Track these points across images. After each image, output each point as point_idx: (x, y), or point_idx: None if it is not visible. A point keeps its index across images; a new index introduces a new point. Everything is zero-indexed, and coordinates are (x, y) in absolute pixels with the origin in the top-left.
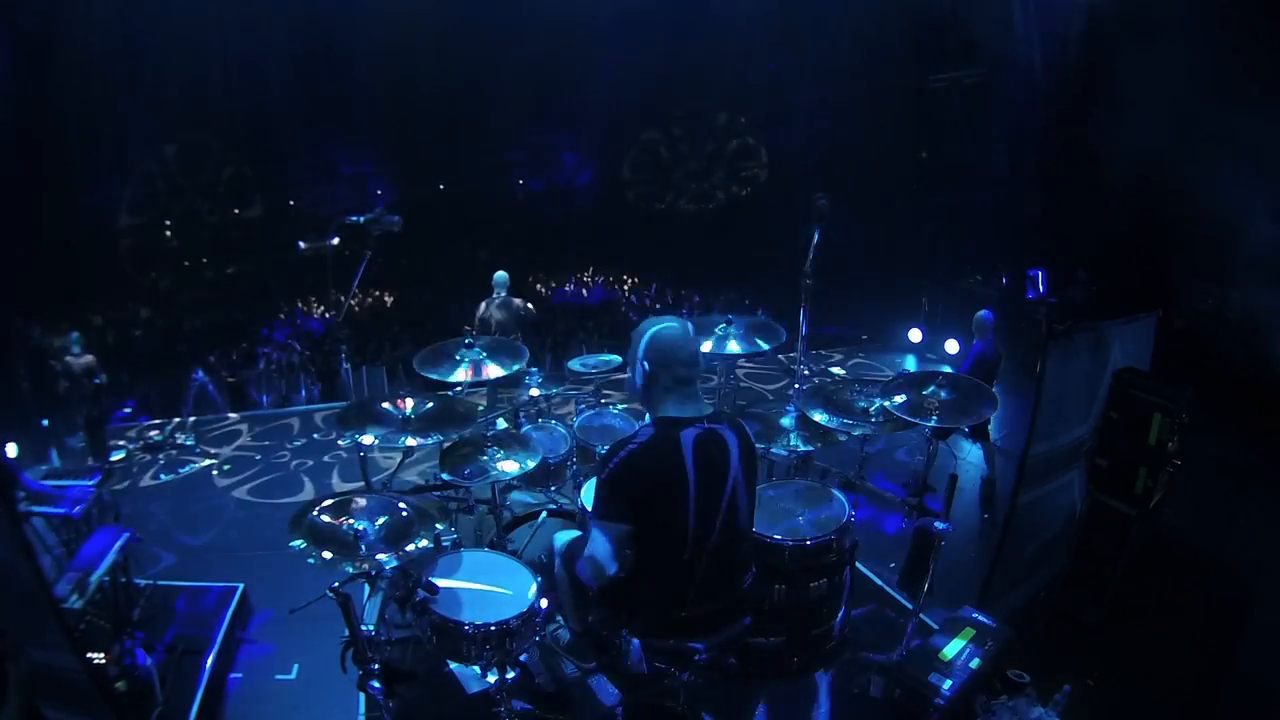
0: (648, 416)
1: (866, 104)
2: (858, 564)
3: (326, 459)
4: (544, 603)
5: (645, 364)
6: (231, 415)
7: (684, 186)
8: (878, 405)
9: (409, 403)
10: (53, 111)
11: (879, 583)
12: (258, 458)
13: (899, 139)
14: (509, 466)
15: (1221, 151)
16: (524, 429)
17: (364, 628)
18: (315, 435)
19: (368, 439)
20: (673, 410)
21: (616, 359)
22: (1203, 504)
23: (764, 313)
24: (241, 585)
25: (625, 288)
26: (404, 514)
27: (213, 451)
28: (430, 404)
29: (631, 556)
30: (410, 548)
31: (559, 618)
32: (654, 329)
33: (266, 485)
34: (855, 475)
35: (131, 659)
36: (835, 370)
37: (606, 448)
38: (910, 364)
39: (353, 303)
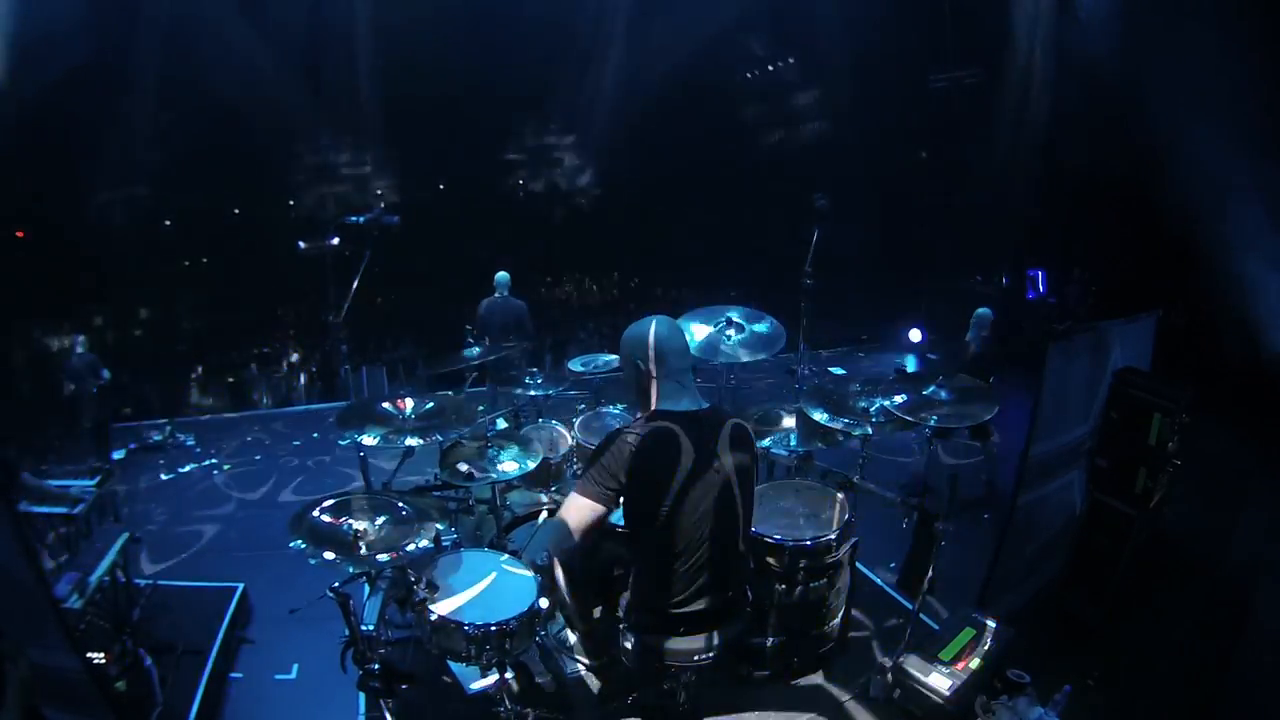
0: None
1: (866, 104)
2: (858, 564)
3: (310, 463)
4: (544, 602)
5: (641, 363)
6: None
7: (683, 187)
8: (878, 405)
9: (408, 403)
10: (52, 112)
11: (879, 583)
12: (258, 457)
13: (899, 139)
14: (509, 466)
15: (1222, 150)
16: (524, 429)
17: (364, 628)
18: (314, 435)
19: (368, 439)
20: (669, 404)
21: (616, 359)
22: (1203, 504)
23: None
24: (241, 585)
25: (625, 287)
26: (403, 514)
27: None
28: (430, 404)
29: (603, 543)
30: (410, 548)
31: (559, 617)
32: (649, 329)
33: (243, 478)
34: (856, 475)
35: (132, 659)
36: (835, 370)
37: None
38: (910, 364)
39: (353, 300)
